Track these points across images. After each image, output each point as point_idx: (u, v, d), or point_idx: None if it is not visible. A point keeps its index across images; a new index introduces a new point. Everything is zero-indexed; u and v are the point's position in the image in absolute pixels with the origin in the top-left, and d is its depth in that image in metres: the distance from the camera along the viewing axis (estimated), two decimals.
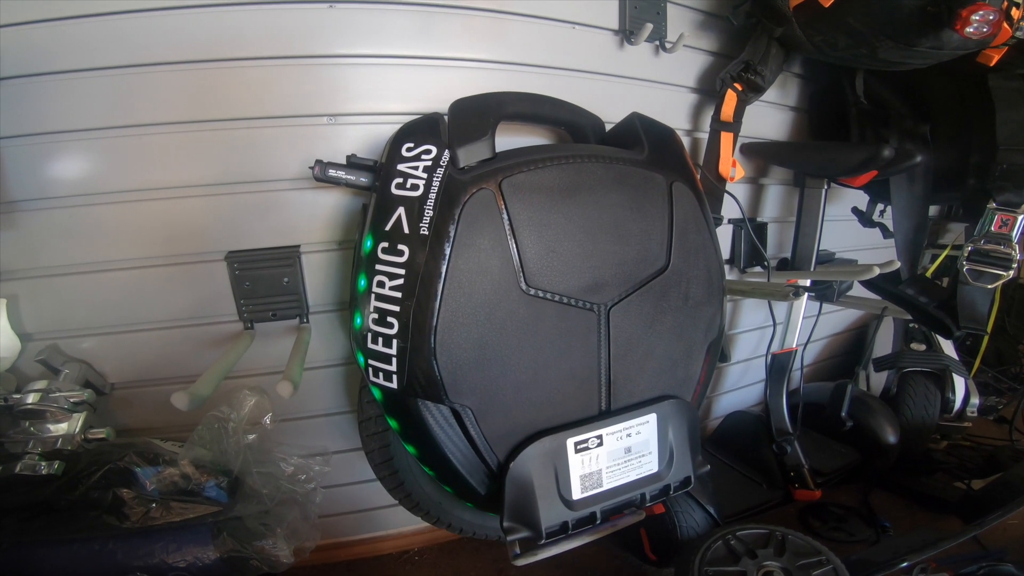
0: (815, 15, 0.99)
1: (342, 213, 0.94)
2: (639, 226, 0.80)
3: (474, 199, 0.70)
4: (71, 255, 0.88)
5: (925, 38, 0.92)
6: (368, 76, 0.91)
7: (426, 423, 0.72)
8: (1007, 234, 1.03)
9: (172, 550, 0.82)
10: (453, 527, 0.96)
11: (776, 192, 1.43)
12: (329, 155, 0.86)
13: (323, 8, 0.87)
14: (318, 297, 0.96)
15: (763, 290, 1.05)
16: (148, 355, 0.93)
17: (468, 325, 0.70)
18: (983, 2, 0.85)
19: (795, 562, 0.85)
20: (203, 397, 0.67)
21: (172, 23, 0.83)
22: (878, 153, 1.03)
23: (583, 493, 0.80)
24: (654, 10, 1.09)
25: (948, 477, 1.36)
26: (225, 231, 0.90)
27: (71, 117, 0.83)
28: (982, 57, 1.02)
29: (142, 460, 0.86)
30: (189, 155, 0.87)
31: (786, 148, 1.35)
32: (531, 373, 0.75)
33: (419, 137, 0.74)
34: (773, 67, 1.13)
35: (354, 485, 1.10)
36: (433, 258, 0.68)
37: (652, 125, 0.89)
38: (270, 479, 0.89)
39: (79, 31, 0.81)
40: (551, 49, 1.02)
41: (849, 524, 1.22)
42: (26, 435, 0.80)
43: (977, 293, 1.07)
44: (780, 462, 1.28)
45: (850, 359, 1.76)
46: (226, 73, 0.86)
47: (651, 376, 0.84)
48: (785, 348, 1.31)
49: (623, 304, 0.79)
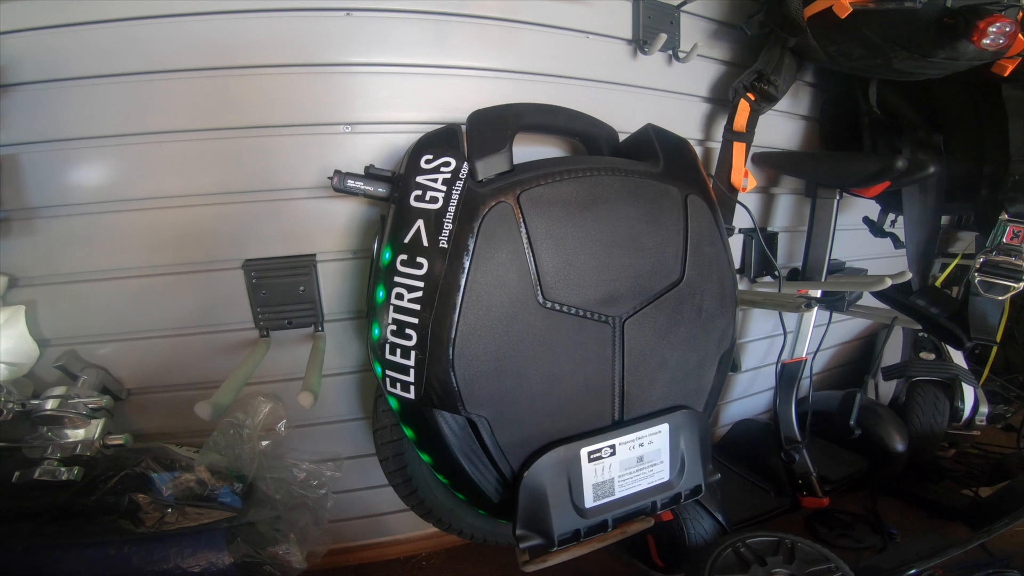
0: (830, 26, 0.99)
1: (358, 222, 0.94)
2: (654, 239, 0.80)
3: (493, 212, 0.70)
4: (89, 262, 0.88)
5: (941, 49, 0.92)
6: (383, 84, 0.91)
7: (442, 433, 0.73)
8: (1018, 246, 1.03)
9: (187, 555, 0.82)
10: (464, 533, 0.97)
11: (787, 201, 1.43)
12: (345, 163, 0.87)
13: (340, 16, 0.87)
14: (333, 305, 0.97)
15: (775, 301, 1.05)
16: (164, 361, 0.94)
17: (486, 337, 0.70)
18: (1000, 14, 0.85)
19: (804, 569, 0.86)
20: (224, 406, 0.68)
21: (189, 29, 0.83)
22: (892, 164, 1.03)
23: (595, 501, 0.81)
24: (668, 19, 1.09)
25: (956, 485, 1.36)
26: (241, 239, 0.91)
27: (89, 124, 0.84)
28: (996, 67, 1.02)
29: (158, 466, 0.86)
30: (206, 163, 0.88)
31: (798, 158, 1.35)
32: (546, 384, 0.75)
33: (438, 149, 0.74)
34: (786, 77, 1.13)
35: (363, 491, 1.10)
36: (452, 271, 0.68)
37: (667, 136, 0.90)
38: (283, 484, 0.90)
39: (97, 36, 0.82)
40: (564, 58, 1.02)
41: (856, 531, 1.22)
42: (45, 441, 0.80)
43: (988, 304, 1.07)
44: (788, 470, 1.28)
45: (859, 367, 1.76)
46: (243, 80, 0.86)
47: (664, 387, 0.84)
48: (795, 357, 1.31)
49: (637, 317, 0.80)
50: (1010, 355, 1.82)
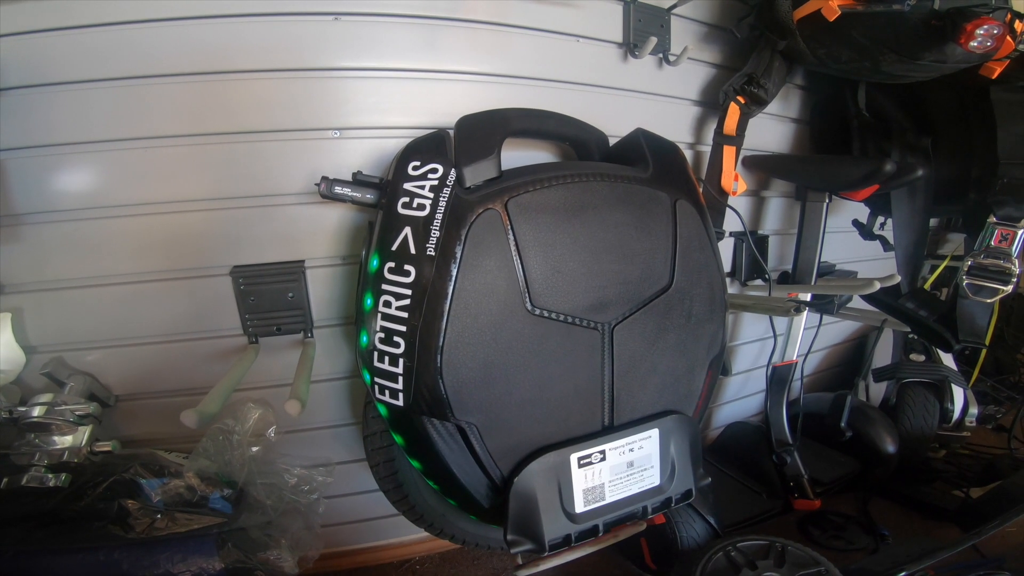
0: (819, 29, 0.99)
1: (347, 228, 0.94)
2: (643, 245, 0.80)
3: (480, 220, 0.70)
4: (76, 268, 0.88)
5: (929, 52, 0.92)
6: (373, 89, 0.91)
7: (431, 439, 0.73)
8: (1007, 249, 1.04)
9: (177, 561, 0.82)
10: (455, 538, 0.97)
11: (777, 204, 1.43)
12: (334, 169, 0.86)
13: (328, 21, 0.87)
14: (322, 312, 0.96)
15: (765, 305, 1.06)
16: (152, 368, 0.93)
17: (474, 345, 0.70)
18: (988, 16, 0.85)
19: (795, 573, 0.86)
20: (211, 414, 0.67)
21: (177, 34, 0.82)
22: (880, 168, 1.03)
23: (586, 506, 0.81)
24: (658, 23, 1.09)
25: (947, 486, 1.37)
26: (229, 245, 0.90)
27: (77, 129, 0.83)
28: (984, 70, 1.02)
29: (147, 472, 0.86)
30: (195, 168, 0.87)
31: (788, 161, 1.36)
32: (536, 391, 0.75)
33: (425, 155, 0.74)
34: (776, 80, 1.14)
35: (355, 495, 1.10)
36: (440, 279, 0.68)
37: (656, 141, 0.90)
38: (274, 490, 0.90)
39: (86, 41, 0.81)
40: (555, 62, 1.02)
41: (848, 533, 1.23)
42: (32, 448, 0.80)
43: (976, 307, 1.07)
44: (780, 472, 1.29)
45: (850, 370, 1.76)
46: (231, 85, 0.86)
47: (654, 392, 0.85)
48: (785, 360, 1.32)
49: (627, 323, 0.80)
50: (1000, 356, 1.83)
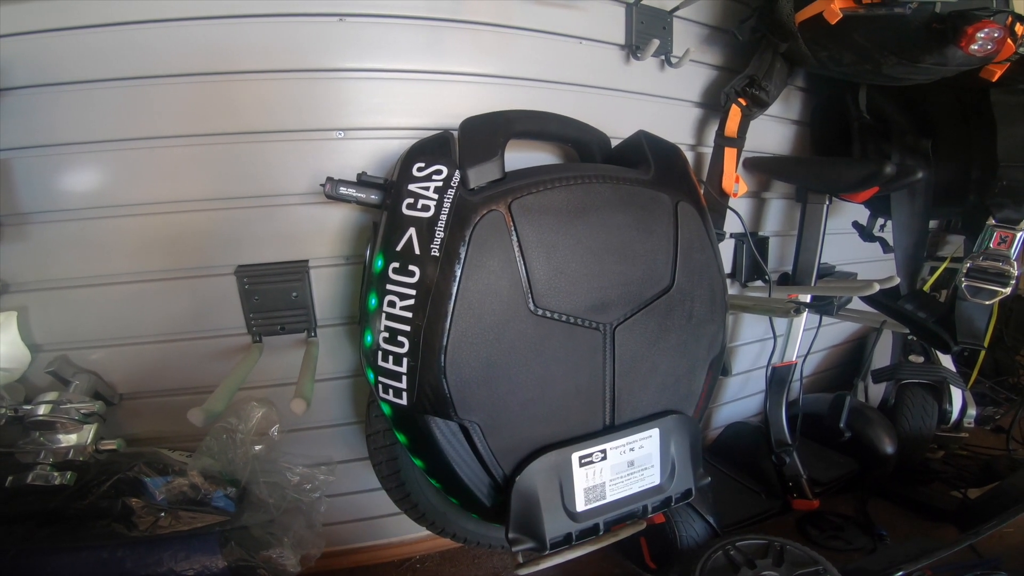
0: (821, 31, 1.00)
1: (351, 228, 0.94)
2: (645, 246, 0.81)
3: (484, 221, 0.70)
4: (81, 267, 0.88)
5: (930, 55, 0.93)
6: (377, 90, 0.91)
7: (434, 438, 0.74)
8: (1006, 251, 1.04)
9: (180, 559, 0.82)
10: (457, 537, 0.98)
11: (778, 206, 1.44)
12: (338, 169, 0.87)
13: (333, 22, 0.87)
14: (326, 311, 0.97)
15: (765, 306, 1.06)
16: (157, 366, 0.94)
17: (477, 345, 0.71)
18: (989, 19, 0.85)
19: (793, 572, 0.87)
20: (217, 413, 0.68)
21: (183, 34, 0.83)
22: (880, 170, 1.04)
23: (587, 505, 0.82)
24: (660, 25, 1.09)
25: (945, 486, 1.38)
26: (234, 245, 0.91)
27: (81, 128, 0.84)
28: (984, 72, 1.02)
29: (151, 470, 0.87)
30: (199, 168, 0.88)
31: (789, 163, 1.36)
32: (538, 390, 0.76)
33: (430, 157, 0.75)
34: (777, 82, 1.14)
35: (357, 494, 1.10)
36: (444, 279, 0.69)
37: (658, 143, 0.90)
38: (276, 488, 0.90)
39: (91, 41, 0.81)
40: (558, 64, 1.02)
41: (847, 533, 1.23)
42: (37, 446, 0.80)
43: (975, 309, 1.08)
44: (779, 472, 1.30)
45: (849, 370, 1.77)
46: (236, 86, 0.86)
47: (654, 392, 0.85)
48: (785, 361, 1.32)
49: (628, 323, 0.80)
50: (999, 358, 1.83)
